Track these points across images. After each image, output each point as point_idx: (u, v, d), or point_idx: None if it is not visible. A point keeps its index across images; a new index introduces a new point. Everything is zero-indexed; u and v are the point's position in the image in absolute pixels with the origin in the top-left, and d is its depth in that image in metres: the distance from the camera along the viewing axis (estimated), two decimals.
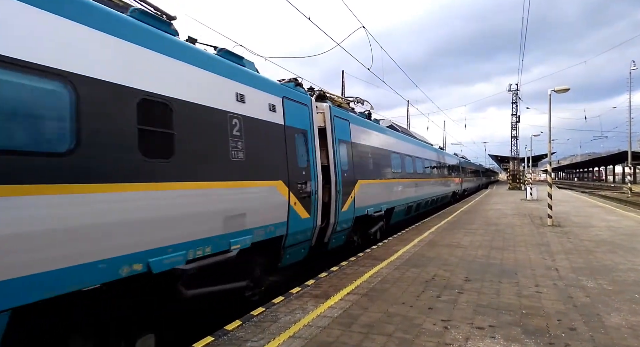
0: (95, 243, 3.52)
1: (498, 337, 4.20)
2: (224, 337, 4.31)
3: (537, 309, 5.09)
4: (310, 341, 4.18)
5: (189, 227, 4.56)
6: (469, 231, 12.00)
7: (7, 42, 3.02)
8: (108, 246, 3.64)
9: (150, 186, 4.08)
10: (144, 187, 4.00)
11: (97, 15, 3.75)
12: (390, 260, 8.04)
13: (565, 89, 13.78)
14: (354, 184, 9.28)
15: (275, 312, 5.10)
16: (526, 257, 8.23)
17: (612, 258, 7.97)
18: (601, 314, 4.87)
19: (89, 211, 3.48)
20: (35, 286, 3.10)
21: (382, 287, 6.15)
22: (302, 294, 5.87)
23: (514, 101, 45.05)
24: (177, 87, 4.51)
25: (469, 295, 5.68)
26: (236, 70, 5.76)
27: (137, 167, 3.93)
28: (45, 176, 3.17)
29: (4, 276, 2.91)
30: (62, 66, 3.37)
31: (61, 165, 3.28)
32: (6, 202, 2.91)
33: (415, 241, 10.25)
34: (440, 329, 4.46)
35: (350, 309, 5.16)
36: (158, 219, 4.16)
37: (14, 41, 3.06)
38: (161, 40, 4.43)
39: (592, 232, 11.42)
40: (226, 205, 5.20)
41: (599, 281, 6.32)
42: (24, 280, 3.02)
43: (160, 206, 4.18)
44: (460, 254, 8.51)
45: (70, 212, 3.34)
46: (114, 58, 3.86)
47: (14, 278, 2.96)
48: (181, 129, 4.50)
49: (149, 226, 4.05)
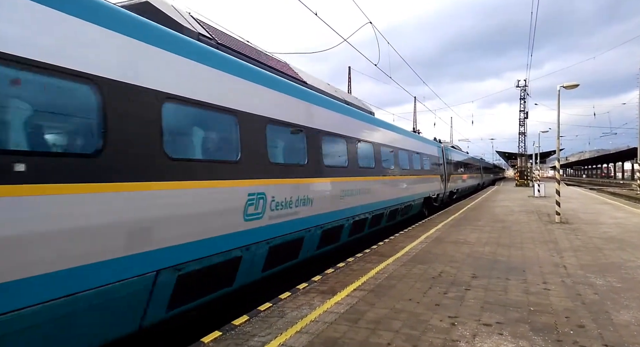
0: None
1: (505, 334, 4.19)
2: (231, 332, 4.34)
3: (545, 306, 5.06)
4: (317, 336, 4.19)
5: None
6: (476, 228, 11.95)
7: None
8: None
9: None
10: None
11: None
12: (397, 256, 8.04)
13: (574, 85, 13.64)
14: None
15: (282, 307, 5.12)
16: (534, 254, 8.18)
17: (621, 255, 7.90)
18: (610, 312, 4.83)
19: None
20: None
21: (388, 283, 6.15)
22: (309, 290, 5.89)
23: (522, 97, 44.72)
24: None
25: (476, 292, 5.66)
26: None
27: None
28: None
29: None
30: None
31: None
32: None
33: (422, 238, 10.23)
34: (447, 325, 4.45)
35: (357, 305, 5.17)
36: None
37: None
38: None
39: (601, 229, 11.32)
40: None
41: (607, 279, 6.27)
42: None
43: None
44: (467, 251, 8.48)
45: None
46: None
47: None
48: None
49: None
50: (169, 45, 4.50)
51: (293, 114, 7.01)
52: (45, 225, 3.13)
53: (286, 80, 7.16)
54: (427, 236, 10.48)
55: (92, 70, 3.56)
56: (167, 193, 4.25)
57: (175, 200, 4.37)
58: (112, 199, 3.67)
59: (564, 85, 13.75)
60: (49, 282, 3.16)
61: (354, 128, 9.57)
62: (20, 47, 3.05)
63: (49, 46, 3.27)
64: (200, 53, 5.02)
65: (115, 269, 3.68)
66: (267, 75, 6.48)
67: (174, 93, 4.45)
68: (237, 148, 5.48)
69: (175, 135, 4.60)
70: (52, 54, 3.27)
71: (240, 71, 5.79)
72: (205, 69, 5.05)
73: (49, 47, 3.26)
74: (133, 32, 4.06)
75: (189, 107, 4.76)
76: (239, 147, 5.50)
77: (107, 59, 3.75)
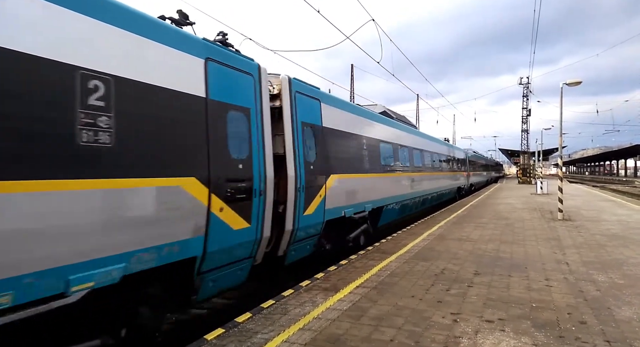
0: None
1: (508, 330, 4.20)
2: (234, 329, 4.37)
3: (547, 302, 5.07)
4: (320, 333, 4.22)
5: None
6: (479, 225, 11.95)
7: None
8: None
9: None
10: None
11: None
12: (399, 254, 8.05)
13: (577, 82, 13.59)
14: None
15: (285, 304, 5.14)
16: (536, 251, 8.18)
17: (624, 252, 7.89)
18: (612, 308, 4.84)
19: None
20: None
21: (391, 280, 6.17)
22: (312, 287, 5.91)
23: (525, 95, 44.61)
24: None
25: (478, 289, 5.67)
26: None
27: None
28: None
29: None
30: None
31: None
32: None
33: (425, 235, 10.24)
34: (449, 322, 4.47)
35: (360, 302, 5.19)
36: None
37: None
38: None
39: (603, 226, 11.30)
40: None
41: (610, 275, 6.28)
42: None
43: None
44: (470, 248, 8.49)
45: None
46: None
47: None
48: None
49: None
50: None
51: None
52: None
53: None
54: (429, 233, 10.49)
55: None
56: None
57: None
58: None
59: (567, 82, 13.70)
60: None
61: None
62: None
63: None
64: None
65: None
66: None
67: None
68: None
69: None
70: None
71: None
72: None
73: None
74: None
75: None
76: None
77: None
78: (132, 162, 3.78)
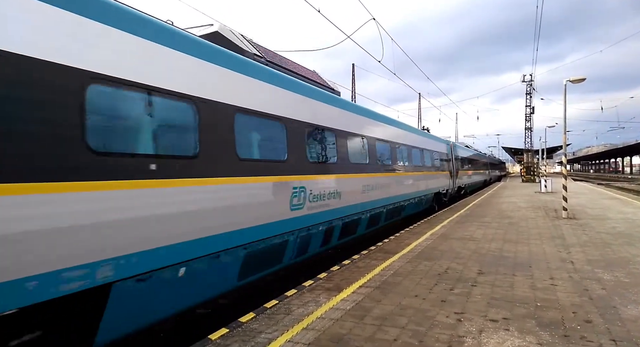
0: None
1: (512, 330, 4.18)
2: (238, 329, 4.37)
3: (552, 301, 5.04)
4: (324, 332, 4.21)
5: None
6: (482, 224, 11.91)
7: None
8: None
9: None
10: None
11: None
12: (402, 253, 8.03)
13: (581, 79, 13.51)
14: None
15: (288, 304, 5.14)
16: (540, 250, 8.14)
17: (629, 250, 7.84)
18: (618, 307, 4.81)
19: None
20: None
21: (394, 280, 6.15)
22: (315, 287, 5.90)
23: (528, 92, 44.41)
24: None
25: (482, 288, 5.65)
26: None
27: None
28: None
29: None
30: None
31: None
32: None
33: (427, 234, 10.21)
34: (453, 321, 4.45)
35: (363, 301, 5.18)
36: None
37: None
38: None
39: (609, 225, 11.23)
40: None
41: (615, 274, 6.23)
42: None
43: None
44: (473, 247, 8.46)
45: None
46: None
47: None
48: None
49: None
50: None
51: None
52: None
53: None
54: (432, 233, 10.46)
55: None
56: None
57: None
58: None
59: (571, 79, 13.62)
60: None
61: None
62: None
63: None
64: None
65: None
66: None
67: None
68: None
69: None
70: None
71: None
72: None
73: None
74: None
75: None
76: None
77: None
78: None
